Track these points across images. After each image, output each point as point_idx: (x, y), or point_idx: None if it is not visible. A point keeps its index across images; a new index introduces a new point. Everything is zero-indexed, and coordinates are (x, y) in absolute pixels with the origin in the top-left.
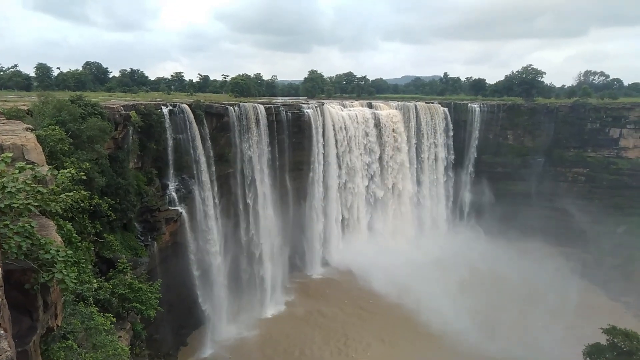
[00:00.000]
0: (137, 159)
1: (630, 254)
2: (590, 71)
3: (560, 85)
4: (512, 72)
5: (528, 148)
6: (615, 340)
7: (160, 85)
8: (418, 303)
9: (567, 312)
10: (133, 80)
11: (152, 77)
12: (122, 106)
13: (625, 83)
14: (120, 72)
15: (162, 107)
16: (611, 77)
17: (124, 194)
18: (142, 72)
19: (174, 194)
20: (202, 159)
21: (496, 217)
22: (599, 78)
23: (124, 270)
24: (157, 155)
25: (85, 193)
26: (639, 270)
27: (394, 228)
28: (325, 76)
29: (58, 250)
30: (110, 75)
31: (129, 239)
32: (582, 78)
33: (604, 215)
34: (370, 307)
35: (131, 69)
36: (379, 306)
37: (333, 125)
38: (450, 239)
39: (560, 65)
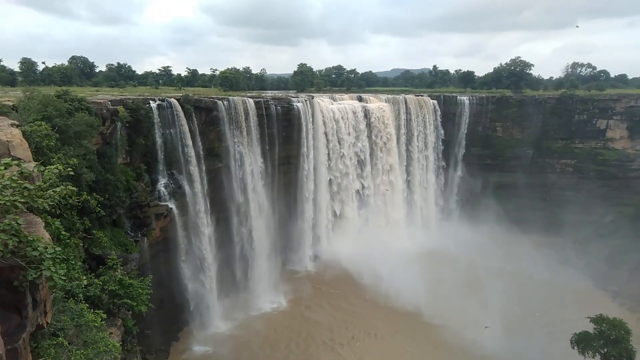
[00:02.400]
0: (125, 155)
1: (617, 243)
2: (577, 63)
3: (548, 77)
4: (501, 64)
5: (517, 140)
6: (602, 329)
7: (148, 79)
8: (406, 296)
9: (555, 301)
10: (120, 75)
11: (139, 72)
12: (109, 101)
13: (612, 75)
14: (107, 66)
15: (150, 101)
16: (598, 69)
17: (112, 189)
18: (129, 67)
19: (163, 189)
20: (192, 154)
21: (486, 208)
22: (586, 70)
23: (114, 266)
24: (146, 150)
25: (73, 189)
26: (625, 259)
27: (384, 221)
28: (314, 69)
29: (46, 247)
30: (97, 70)
31: (118, 235)
32: (569, 70)
33: (591, 205)
34: (359, 301)
35: (118, 63)
36: (368, 300)
37: (323, 119)
38: (440, 231)
39: (548, 57)
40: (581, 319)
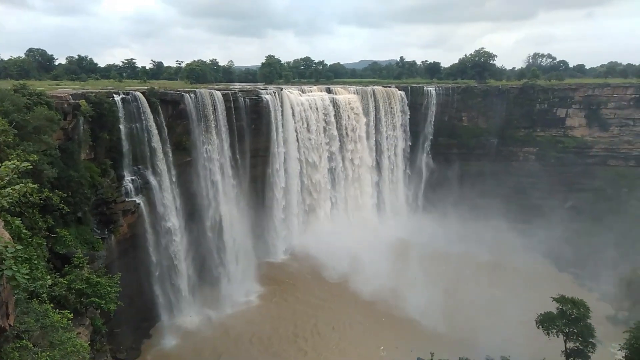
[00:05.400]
0: (89, 150)
1: (577, 227)
2: (538, 54)
3: (510, 68)
4: (466, 55)
5: (482, 129)
6: (564, 309)
7: (111, 72)
8: (376, 285)
9: (521, 284)
10: (81, 68)
11: (101, 64)
12: (70, 95)
13: (571, 65)
14: (67, 59)
15: (114, 95)
16: (558, 59)
17: (76, 186)
18: (90, 59)
19: (130, 185)
20: (159, 148)
21: (453, 196)
22: (546, 60)
23: (81, 265)
24: (111, 145)
25: (33, 186)
26: (584, 242)
27: (355, 211)
28: (282, 61)
29: (6, 247)
30: (56, 63)
31: (84, 232)
32: (530, 60)
33: (553, 191)
34: (327, 295)
35: (79, 55)
36: (335, 292)
37: (292, 111)
38: (410, 220)
39: (511, 48)
40: (545, 299)
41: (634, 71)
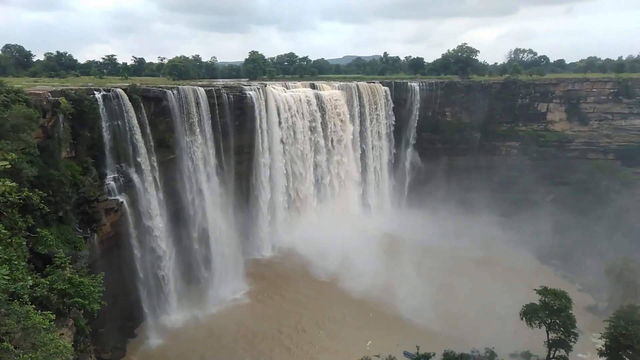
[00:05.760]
0: (70, 148)
1: (558, 220)
2: (519, 49)
3: (493, 63)
4: (449, 50)
5: (465, 124)
6: (547, 300)
7: (91, 69)
8: (362, 281)
9: (503, 276)
10: (60, 64)
11: (81, 61)
12: (49, 92)
13: (551, 60)
14: (45, 55)
15: (95, 92)
16: (539, 55)
17: (57, 185)
18: (70, 56)
19: (112, 183)
20: (141, 146)
21: (437, 191)
22: (527, 55)
23: (63, 265)
24: (92, 143)
25: (12, 185)
26: (565, 235)
27: (340, 207)
28: (266, 57)
29: None
30: (35, 59)
31: (66, 232)
32: (512, 56)
33: (535, 185)
34: (312, 291)
35: (57, 52)
36: (321, 288)
37: (277, 107)
38: (394, 215)
39: (493, 43)
40: (528, 291)
41: (613, 66)
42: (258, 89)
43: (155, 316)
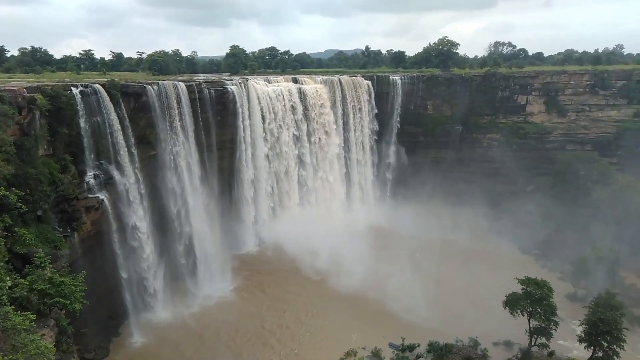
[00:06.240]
0: (47, 146)
1: (538, 211)
2: (499, 42)
3: (473, 56)
4: (430, 44)
5: (446, 117)
6: (529, 289)
7: (68, 64)
8: (346, 274)
9: (486, 266)
10: (35, 60)
11: (57, 56)
12: (25, 88)
13: (530, 53)
14: (19, 50)
15: (72, 88)
16: (517, 48)
17: (35, 183)
18: (45, 51)
19: (92, 180)
20: (122, 142)
21: (420, 183)
22: (507, 48)
23: (42, 264)
24: (71, 140)
25: None
26: (545, 225)
27: (324, 201)
28: (247, 51)
29: None
30: (8, 55)
31: (45, 231)
32: (492, 49)
33: (515, 176)
34: (295, 287)
35: (32, 47)
36: (306, 283)
37: (259, 101)
38: (379, 208)
39: (473, 36)
40: (510, 280)
41: (589, 58)
42: (240, 83)
43: (139, 314)
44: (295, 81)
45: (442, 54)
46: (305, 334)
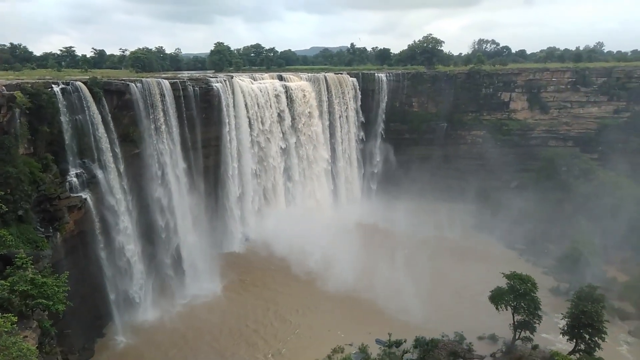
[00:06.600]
0: (28, 144)
1: (522, 206)
2: (483, 39)
3: (457, 54)
4: (414, 41)
5: (432, 114)
6: (513, 284)
7: (48, 61)
8: (333, 271)
9: (471, 262)
10: (15, 57)
11: (37, 53)
12: (4, 86)
13: (513, 50)
14: None
15: (53, 85)
16: (501, 45)
17: (15, 183)
18: (25, 47)
19: (75, 179)
20: (105, 141)
21: (406, 180)
22: (490, 46)
23: (24, 265)
24: (52, 138)
25: None
26: (529, 220)
27: (311, 198)
28: (232, 48)
29: None
30: None
31: (26, 231)
32: (476, 46)
33: (499, 172)
34: (281, 286)
35: (11, 43)
36: (292, 282)
37: (244, 99)
38: (365, 205)
39: (457, 34)
40: (494, 277)
41: (571, 56)
42: (224, 80)
43: (124, 315)
44: (280, 78)
45: (426, 52)
46: (291, 333)
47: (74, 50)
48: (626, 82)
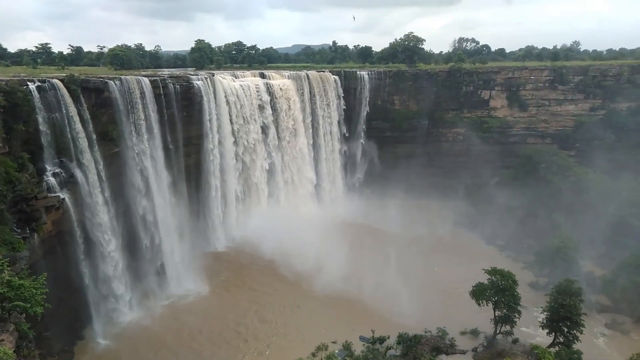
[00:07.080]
0: (2, 143)
1: (502, 203)
2: (463, 38)
3: (438, 52)
4: (396, 39)
5: (413, 112)
6: (494, 280)
7: (23, 58)
8: (316, 270)
9: (453, 258)
10: None
11: (11, 49)
12: None
13: (493, 49)
14: None
15: (29, 83)
16: (481, 44)
17: None
18: None
19: (52, 179)
20: (83, 140)
21: (388, 178)
22: (470, 44)
23: (0, 267)
24: (28, 137)
25: None
26: (508, 216)
27: (293, 197)
28: (213, 46)
29: None
30: None
31: (2, 232)
32: (456, 45)
33: (480, 169)
34: (268, 281)
35: None
36: (279, 279)
37: (225, 97)
38: (347, 203)
39: (438, 32)
40: (475, 273)
41: (549, 55)
42: (206, 78)
43: (104, 316)
44: (262, 76)
45: (408, 50)
46: (275, 333)
47: (50, 47)
48: (601, 80)
